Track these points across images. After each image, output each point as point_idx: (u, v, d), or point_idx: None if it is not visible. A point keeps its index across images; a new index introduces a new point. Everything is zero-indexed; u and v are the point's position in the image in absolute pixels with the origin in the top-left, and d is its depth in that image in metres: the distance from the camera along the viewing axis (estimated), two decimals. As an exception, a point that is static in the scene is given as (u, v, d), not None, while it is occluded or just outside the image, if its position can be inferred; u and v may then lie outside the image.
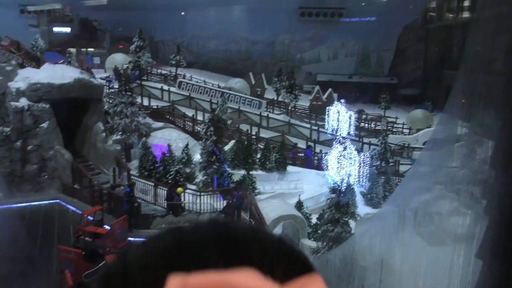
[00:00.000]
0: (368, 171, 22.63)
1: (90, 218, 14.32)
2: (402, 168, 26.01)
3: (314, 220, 17.43)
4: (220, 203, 17.32)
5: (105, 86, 26.11)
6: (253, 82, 39.40)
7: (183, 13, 51.38)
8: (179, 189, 16.56)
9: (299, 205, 17.83)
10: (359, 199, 20.16)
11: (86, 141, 20.00)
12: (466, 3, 37.71)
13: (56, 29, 45.87)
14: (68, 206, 17.26)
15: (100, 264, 12.03)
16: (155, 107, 28.95)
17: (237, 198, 15.98)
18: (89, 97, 19.71)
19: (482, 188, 8.17)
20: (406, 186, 14.51)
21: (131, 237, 14.11)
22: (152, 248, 0.50)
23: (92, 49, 45.44)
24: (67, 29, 46.93)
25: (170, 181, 18.02)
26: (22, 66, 19.83)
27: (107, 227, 13.88)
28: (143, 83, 31.63)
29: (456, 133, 9.80)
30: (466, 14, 37.59)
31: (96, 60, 42.19)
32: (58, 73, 19.17)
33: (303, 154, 25.27)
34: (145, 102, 29.39)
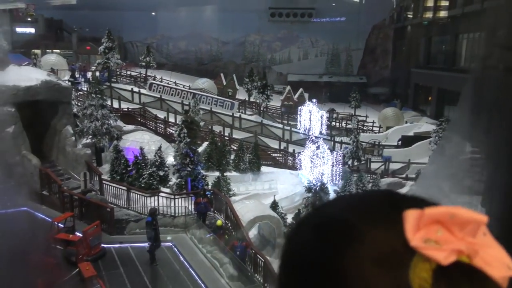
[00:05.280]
0: (341, 169, 22.90)
1: (61, 225, 13.90)
2: (374, 166, 26.45)
3: (289, 219, 17.52)
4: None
5: (73, 89, 25.38)
6: (224, 83, 39.26)
7: (153, 13, 50.68)
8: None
9: (274, 205, 17.87)
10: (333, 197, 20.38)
11: (54, 145, 19.37)
12: (431, 4, 38.71)
13: (19, 29, 44.36)
14: (37, 213, 16.65)
15: (73, 272, 11.69)
16: (126, 109, 28.45)
17: (205, 205, 15.70)
18: (57, 99, 19.11)
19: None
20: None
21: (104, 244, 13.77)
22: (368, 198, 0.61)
23: (58, 51, 44.09)
24: (31, 30, 45.44)
25: (143, 185, 17.78)
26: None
27: (78, 234, 13.50)
28: (113, 85, 31.02)
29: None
30: (431, 14, 38.57)
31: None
32: (24, 75, 18.52)
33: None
34: (115, 105, 28.85)
